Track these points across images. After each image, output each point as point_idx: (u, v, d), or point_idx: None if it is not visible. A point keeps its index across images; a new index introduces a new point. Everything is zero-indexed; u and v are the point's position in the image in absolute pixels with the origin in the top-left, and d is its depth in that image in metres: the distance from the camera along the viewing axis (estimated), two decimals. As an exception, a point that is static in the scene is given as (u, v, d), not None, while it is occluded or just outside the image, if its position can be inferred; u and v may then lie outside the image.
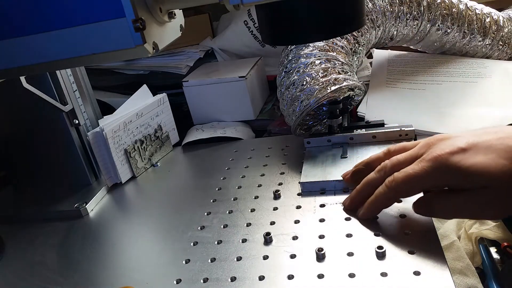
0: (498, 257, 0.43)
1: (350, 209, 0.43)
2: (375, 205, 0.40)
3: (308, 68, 0.56)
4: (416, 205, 0.39)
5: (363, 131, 0.54)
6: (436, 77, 0.69)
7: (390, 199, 0.40)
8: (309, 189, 0.49)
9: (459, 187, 0.36)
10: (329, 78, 0.54)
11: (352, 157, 0.51)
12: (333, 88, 0.53)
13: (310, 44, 0.58)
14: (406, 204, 0.43)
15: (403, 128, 0.53)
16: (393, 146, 0.43)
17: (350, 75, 0.57)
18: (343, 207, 0.44)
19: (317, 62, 0.56)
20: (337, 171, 0.49)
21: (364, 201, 0.42)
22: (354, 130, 0.55)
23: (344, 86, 0.54)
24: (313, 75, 0.55)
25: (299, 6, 0.30)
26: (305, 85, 0.55)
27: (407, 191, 0.39)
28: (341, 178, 0.47)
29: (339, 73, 0.55)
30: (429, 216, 0.39)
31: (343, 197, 0.46)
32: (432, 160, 0.35)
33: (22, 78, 0.51)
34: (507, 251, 0.43)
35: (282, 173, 0.55)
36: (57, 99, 0.55)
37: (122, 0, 0.28)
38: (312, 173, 0.50)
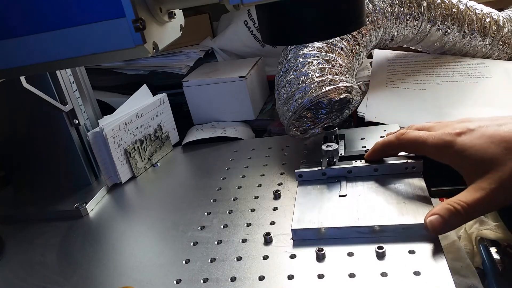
0: (498, 257, 0.43)
1: (367, 159, 0.47)
2: (379, 148, 0.45)
3: (305, 67, 0.56)
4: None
5: (363, 162, 0.47)
6: (436, 77, 0.69)
7: (393, 148, 0.44)
8: (303, 237, 0.41)
9: (458, 167, 0.39)
10: (325, 78, 0.54)
11: (351, 194, 0.44)
12: (328, 88, 0.53)
13: (310, 45, 0.58)
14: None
15: (409, 160, 0.45)
16: (412, 126, 0.47)
17: (348, 77, 0.56)
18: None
19: (315, 62, 0.56)
20: (336, 215, 0.41)
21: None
22: (353, 161, 0.47)
23: (340, 87, 0.53)
24: (310, 74, 0.54)
25: (299, 6, 0.30)
26: (300, 84, 0.54)
27: (411, 148, 0.43)
28: (341, 226, 0.40)
29: (336, 74, 0.55)
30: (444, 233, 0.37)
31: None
32: (443, 135, 0.40)
33: (22, 78, 0.50)
34: (507, 251, 0.43)
35: (282, 173, 0.55)
36: (57, 99, 0.56)
37: (122, 0, 0.28)
38: (307, 217, 0.42)
